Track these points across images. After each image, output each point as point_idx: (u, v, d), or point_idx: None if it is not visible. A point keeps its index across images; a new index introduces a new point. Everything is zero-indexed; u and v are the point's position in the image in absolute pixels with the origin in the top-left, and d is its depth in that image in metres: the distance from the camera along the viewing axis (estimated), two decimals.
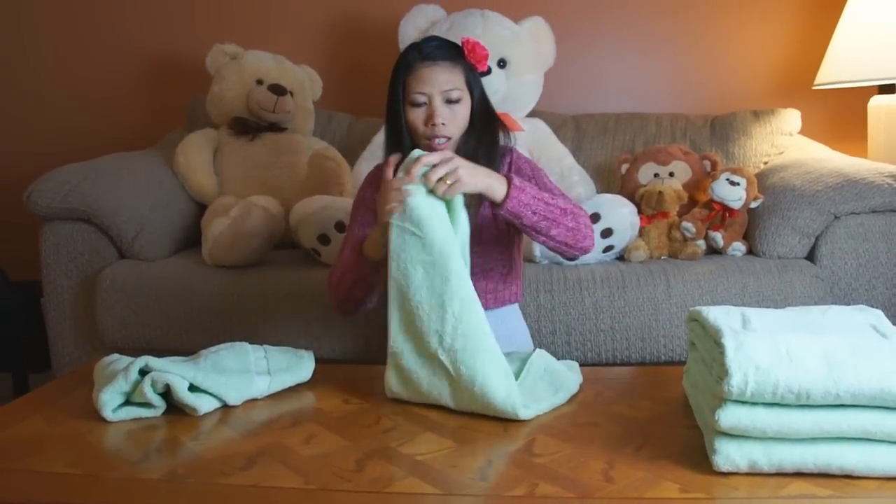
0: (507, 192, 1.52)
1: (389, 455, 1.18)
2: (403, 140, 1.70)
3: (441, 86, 1.66)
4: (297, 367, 1.55)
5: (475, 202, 1.72)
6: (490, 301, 1.80)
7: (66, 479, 1.14)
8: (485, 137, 1.74)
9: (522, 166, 1.79)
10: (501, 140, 1.78)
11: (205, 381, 1.39)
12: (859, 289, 2.23)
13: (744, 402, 1.07)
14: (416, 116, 1.68)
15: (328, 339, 2.20)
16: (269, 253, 2.42)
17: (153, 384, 1.35)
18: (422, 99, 1.67)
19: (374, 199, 1.71)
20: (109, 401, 1.35)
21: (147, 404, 1.37)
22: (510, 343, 1.83)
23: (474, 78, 1.73)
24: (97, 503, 1.07)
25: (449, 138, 1.69)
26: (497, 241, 1.76)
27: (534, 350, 1.59)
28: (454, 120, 1.68)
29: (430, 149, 1.65)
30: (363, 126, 3.03)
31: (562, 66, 2.96)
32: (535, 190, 1.58)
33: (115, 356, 1.50)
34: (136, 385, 1.36)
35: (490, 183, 1.51)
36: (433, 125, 1.66)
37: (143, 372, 1.38)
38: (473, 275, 1.74)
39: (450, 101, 1.67)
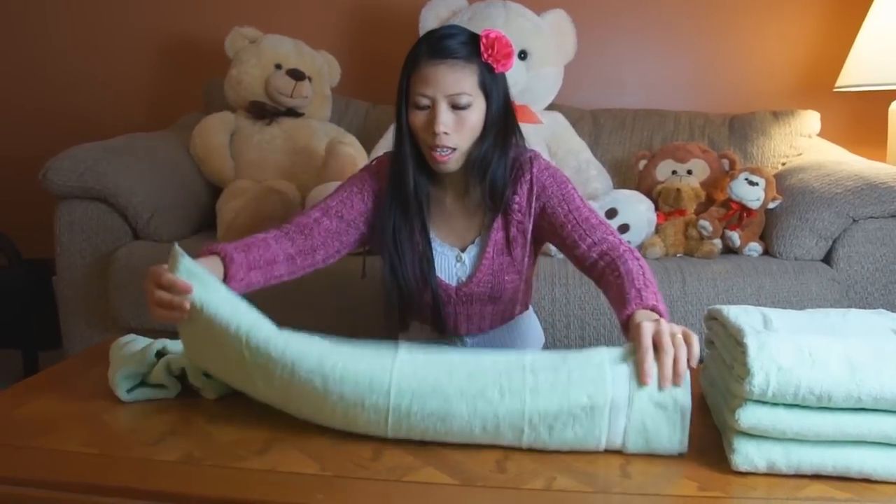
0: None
1: (406, 444, 1.17)
2: (404, 143, 1.55)
3: (446, 89, 1.46)
4: None
5: (486, 227, 1.63)
6: (496, 321, 1.74)
7: (82, 458, 1.14)
8: (500, 149, 1.55)
9: (547, 185, 1.60)
10: (516, 143, 1.61)
11: None
12: (875, 293, 2.22)
13: (764, 403, 1.07)
14: (418, 120, 1.50)
15: (339, 328, 2.19)
16: None
17: (169, 366, 1.35)
18: (424, 101, 1.47)
19: (377, 192, 1.62)
20: (125, 381, 1.35)
21: (162, 386, 1.37)
22: (518, 347, 1.81)
23: (493, 79, 1.51)
24: (113, 483, 1.06)
25: (454, 149, 1.50)
26: (508, 269, 1.62)
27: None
28: (460, 129, 1.49)
29: (433, 160, 1.52)
30: (380, 113, 3.02)
31: (582, 60, 2.95)
32: (657, 294, 1.38)
33: (132, 336, 1.50)
34: (152, 367, 1.36)
35: None
36: (434, 133, 1.47)
37: (160, 354, 1.38)
38: (479, 301, 1.66)
39: (456, 107, 1.47)
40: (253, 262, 1.45)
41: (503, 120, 1.55)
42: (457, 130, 1.48)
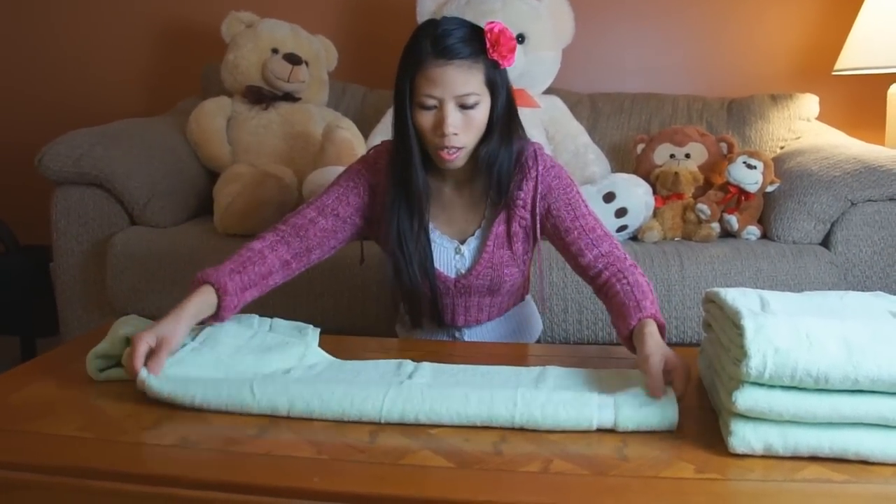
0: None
1: (402, 427, 1.17)
2: (410, 142, 1.51)
3: (455, 90, 1.44)
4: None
5: (488, 220, 1.63)
6: (494, 313, 1.74)
7: (78, 442, 1.13)
8: (506, 146, 1.54)
9: (553, 186, 1.59)
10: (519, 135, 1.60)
11: None
12: (873, 276, 2.22)
13: (761, 385, 1.06)
14: (425, 120, 1.47)
15: (337, 313, 2.20)
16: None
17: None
18: (431, 102, 1.45)
19: (375, 186, 1.61)
20: (96, 361, 1.37)
21: None
22: (515, 337, 1.82)
23: (498, 75, 1.49)
24: (109, 467, 1.06)
25: (461, 148, 1.49)
26: (508, 263, 1.62)
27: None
28: (468, 128, 1.47)
29: (440, 159, 1.50)
30: (377, 98, 3.01)
31: (580, 44, 2.93)
32: (654, 302, 1.43)
33: (133, 317, 1.49)
34: (123, 349, 1.37)
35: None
36: (443, 134, 1.46)
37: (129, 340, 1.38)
38: (478, 293, 1.66)
39: (464, 107, 1.46)
40: (248, 282, 1.47)
41: (507, 114, 1.54)
42: (464, 130, 1.47)
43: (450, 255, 1.64)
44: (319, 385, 1.25)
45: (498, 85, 1.50)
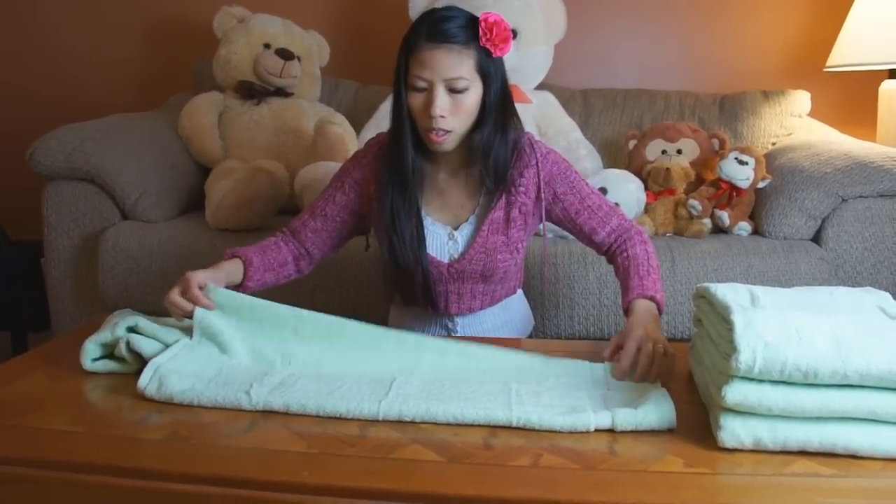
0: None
1: (393, 422, 1.17)
2: (403, 123, 1.55)
3: (444, 73, 1.47)
4: None
5: (483, 206, 1.65)
6: (486, 301, 1.74)
7: (68, 436, 1.13)
8: (501, 135, 1.57)
9: (554, 172, 1.64)
10: (515, 125, 1.63)
11: None
12: (864, 272, 2.23)
13: (751, 379, 1.07)
14: (415, 102, 1.51)
15: (331, 308, 2.19)
16: (272, 218, 2.41)
17: (129, 344, 1.36)
18: (421, 84, 1.49)
19: (360, 181, 1.66)
20: (91, 350, 1.37)
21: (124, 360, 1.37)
22: (507, 330, 1.82)
23: (492, 64, 1.52)
24: (99, 461, 1.06)
25: (450, 131, 1.52)
26: (502, 248, 1.64)
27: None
28: (457, 112, 1.50)
29: (430, 141, 1.54)
30: (370, 93, 3.01)
31: (572, 40, 2.93)
32: (656, 282, 1.52)
33: (128, 311, 1.49)
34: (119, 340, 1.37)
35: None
36: (430, 116, 1.49)
37: (131, 329, 1.39)
38: (471, 279, 1.67)
39: (453, 91, 1.49)
40: (268, 265, 1.63)
41: (502, 103, 1.57)
42: (453, 114, 1.51)
43: (443, 240, 1.66)
44: (319, 384, 1.27)
45: (491, 74, 1.53)
